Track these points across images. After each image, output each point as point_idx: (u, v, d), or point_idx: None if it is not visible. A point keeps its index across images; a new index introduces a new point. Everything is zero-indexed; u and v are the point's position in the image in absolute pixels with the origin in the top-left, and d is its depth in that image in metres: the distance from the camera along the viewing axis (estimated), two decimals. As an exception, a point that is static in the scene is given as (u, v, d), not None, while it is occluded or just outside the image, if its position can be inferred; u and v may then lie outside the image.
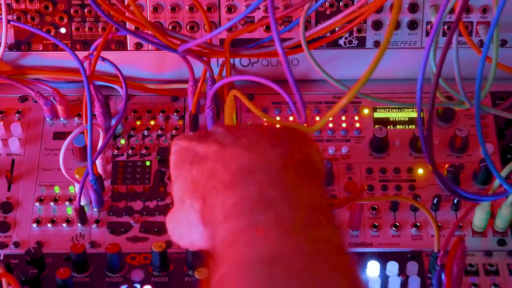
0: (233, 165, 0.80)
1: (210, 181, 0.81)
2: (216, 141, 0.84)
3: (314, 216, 0.76)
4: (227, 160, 0.81)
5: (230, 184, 0.78)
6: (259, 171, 0.78)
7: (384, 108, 1.33)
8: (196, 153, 0.85)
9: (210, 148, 0.83)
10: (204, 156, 0.84)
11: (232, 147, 0.81)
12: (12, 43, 1.33)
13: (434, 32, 0.94)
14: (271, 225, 0.73)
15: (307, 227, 0.74)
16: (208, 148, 0.84)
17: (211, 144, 0.83)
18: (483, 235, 1.20)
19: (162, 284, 1.14)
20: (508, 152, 1.28)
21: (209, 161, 0.82)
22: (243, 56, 1.33)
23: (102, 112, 1.27)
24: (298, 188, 0.78)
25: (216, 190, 0.79)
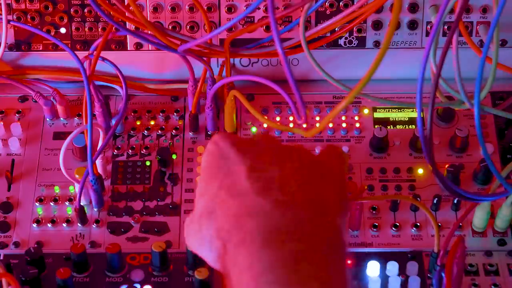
0: (265, 222, 0.78)
1: (236, 229, 0.79)
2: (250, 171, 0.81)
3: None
4: (256, 212, 0.78)
5: (262, 244, 0.76)
6: (294, 240, 0.77)
7: (384, 108, 1.33)
8: (228, 173, 0.82)
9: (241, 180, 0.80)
10: (233, 186, 0.81)
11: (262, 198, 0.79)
12: (12, 43, 1.33)
13: (434, 32, 0.94)
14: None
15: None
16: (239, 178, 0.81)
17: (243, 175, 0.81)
18: (483, 235, 1.20)
19: (162, 284, 1.14)
20: (508, 152, 1.28)
21: (237, 200, 0.80)
22: (243, 56, 1.33)
23: (102, 112, 1.27)
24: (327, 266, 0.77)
25: (242, 243, 0.77)
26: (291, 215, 0.78)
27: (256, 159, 0.83)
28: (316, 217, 0.80)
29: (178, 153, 1.28)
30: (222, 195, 0.82)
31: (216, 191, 0.83)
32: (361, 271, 1.15)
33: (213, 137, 0.88)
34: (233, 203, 0.80)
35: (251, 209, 0.79)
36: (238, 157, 0.83)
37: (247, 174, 0.81)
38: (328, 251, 0.78)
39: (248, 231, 0.78)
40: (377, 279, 1.14)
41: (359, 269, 1.15)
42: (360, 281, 1.14)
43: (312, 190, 0.82)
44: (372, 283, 1.14)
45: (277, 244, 0.76)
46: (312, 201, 0.81)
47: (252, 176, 0.81)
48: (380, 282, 1.14)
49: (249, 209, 0.79)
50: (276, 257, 0.76)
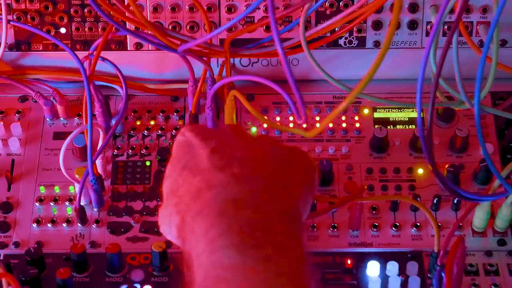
0: (221, 192, 0.80)
1: (194, 201, 0.81)
2: (212, 152, 0.83)
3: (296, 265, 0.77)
4: (215, 185, 0.81)
5: (218, 212, 0.78)
6: (251, 208, 0.79)
7: (384, 108, 1.33)
8: (192, 157, 0.85)
9: (203, 161, 0.83)
10: (195, 167, 0.84)
11: (222, 173, 0.81)
12: (12, 43, 1.33)
13: (434, 32, 0.94)
14: (259, 268, 0.74)
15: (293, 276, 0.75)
16: (202, 159, 0.84)
17: (206, 156, 0.83)
18: (483, 235, 1.20)
19: (162, 284, 1.14)
20: (508, 152, 1.28)
21: (197, 177, 0.82)
22: (243, 56, 1.33)
23: (102, 112, 1.27)
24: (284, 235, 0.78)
25: (199, 213, 0.80)
26: (249, 187, 0.81)
27: (220, 143, 0.85)
28: (274, 190, 0.82)
29: (178, 153, 1.28)
30: (185, 174, 0.84)
31: (180, 171, 0.85)
32: (361, 271, 1.15)
33: (181, 129, 0.91)
34: (194, 179, 0.83)
35: (210, 182, 0.81)
36: (202, 142, 0.86)
37: (209, 154, 0.84)
38: (284, 221, 0.80)
39: (205, 202, 0.80)
40: (377, 279, 1.14)
41: (359, 269, 1.15)
42: (360, 281, 1.14)
43: (273, 168, 0.84)
44: (372, 283, 1.14)
45: (233, 212, 0.78)
46: (271, 176, 0.83)
47: (214, 156, 0.84)
48: (380, 282, 1.14)
49: (208, 182, 0.81)
50: (232, 224, 0.77)
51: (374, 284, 1.14)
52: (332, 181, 1.24)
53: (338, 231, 1.20)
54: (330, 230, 1.20)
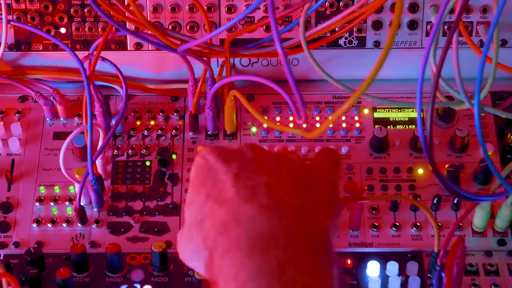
0: (250, 229, 0.78)
1: (222, 236, 0.79)
2: (236, 179, 0.81)
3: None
4: (243, 219, 0.79)
5: (247, 251, 0.77)
6: (279, 247, 0.77)
7: (384, 108, 1.33)
8: (215, 183, 0.83)
9: (228, 189, 0.81)
10: (220, 195, 0.82)
11: (249, 205, 0.79)
12: (12, 43, 1.33)
13: (434, 32, 0.94)
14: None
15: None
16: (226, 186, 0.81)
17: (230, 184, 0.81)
18: (483, 235, 1.20)
19: (162, 284, 1.14)
20: (508, 152, 1.28)
21: (224, 208, 0.80)
22: (243, 56, 1.33)
23: (102, 112, 1.27)
24: (314, 272, 0.77)
25: (228, 251, 0.78)
26: (277, 221, 0.79)
27: (242, 168, 0.83)
28: (303, 222, 0.80)
29: (178, 153, 1.28)
30: (210, 204, 0.82)
31: (204, 200, 0.83)
32: (361, 271, 1.15)
33: (200, 151, 0.89)
34: (220, 211, 0.81)
35: (237, 215, 0.79)
36: (224, 167, 0.84)
37: (233, 182, 0.82)
38: (315, 257, 0.79)
39: (233, 238, 0.78)
40: (377, 279, 1.14)
41: (359, 269, 1.15)
42: (360, 281, 1.14)
43: (300, 195, 0.82)
44: (372, 283, 1.14)
45: (262, 251, 0.77)
46: (299, 205, 0.81)
47: (238, 184, 0.82)
48: (380, 282, 1.14)
49: (235, 216, 0.79)
50: (261, 264, 0.76)
51: (374, 284, 1.14)
52: (332, 181, 1.24)
53: (338, 231, 1.20)
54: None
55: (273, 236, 0.78)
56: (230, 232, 0.79)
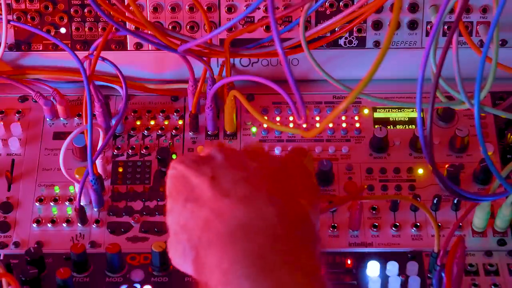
0: (230, 219, 0.80)
1: (204, 232, 0.81)
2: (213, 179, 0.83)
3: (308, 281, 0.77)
4: (223, 212, 0.81)
5: (228, 240, 0.78)
6: (258, 232, 0.79)
7: (384, 108, 1.33)
8: (192, 188, 0.85)
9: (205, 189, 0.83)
10: (199, 197, 0.84)
11: (228, 199, 0.81)
12: (12, 43, 1.33)
13: (434, 32, 0.94)
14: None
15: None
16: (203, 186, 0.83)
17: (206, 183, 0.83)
18: (483, 235, 1.20)
19: (162, 284, 1.14)
20: (508, 152, 1.28)
21: (204, 207, 0.82)
22: (243, 56, 1.33)
23: (102, 112, 1.27)
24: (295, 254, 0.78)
25: (211, 243, 0.80)
26: (255, 208, 0.80)
27: (215, 170, 0.85)
28: (281, 206, 0.81)
29: (178, 153, 1.28)
30: (190, 207, 0.84)
31: (183, 205, 0.85)
32: (361, 271, 1.15)
33: (171, 163, 0.90)
34: (201, 211, 0.83)
35: (217, 211, 0.81)
36: (197, 172, 0.85)
37: (209, 183, 0.84)
38: (296, 238, 0.80)
39: (215, 232, 0.80)
40: (377, 279, 1.14)
41: (359, 269, 1.15)
42: (360, 281, 1.14)
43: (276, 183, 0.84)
44: (372, 283, 1.14)
45: (242, 239, 0.78)
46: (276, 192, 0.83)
47: (214, 183, 0.83)
48: (380, 282, 1.14)
49: (215, 212, 0.81)
50: (242, 251, 0.77)
51: (374, 284, 1.14)
52: (332, 181, 1.24)
53: (338, 231, 1.20)
54: (330, 230, 1.20)
55: (252, 224, 0.79)
56: (212, 227, 0.80)
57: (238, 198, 0.81)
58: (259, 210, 0.80)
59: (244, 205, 0.80)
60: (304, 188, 0.87)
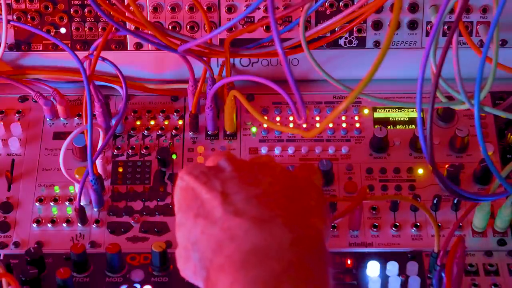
0: (244, 243, 0.78)
1: (217, 255, 0.79)
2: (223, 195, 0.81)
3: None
4: (236, 234, 0.78)
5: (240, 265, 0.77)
6: (272, 258, 0.77)
7: (384, 108, 1.33)
8: (202, 203, 0.83)
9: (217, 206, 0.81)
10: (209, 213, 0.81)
11: (241, 218, 0.79)
12: (12, 43, 1.33)
13: (434, 32, 0.94)
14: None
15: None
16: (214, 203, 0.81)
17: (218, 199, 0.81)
18: (483, 235, 1.20)
19: (162, 284, 1.14)
20: (508, 152, 1.28)
21: (216, 225, 0.80)
22: (243, 56, 1.33)
23: (102, 112, 1.27)
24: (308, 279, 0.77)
25: (222, 268, 0.78)
26: (269, 232, 0.78)
27: (225, 184, 0.83)
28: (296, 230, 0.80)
29: (178, 153, 1.28)
30: (201, 224, 0.82)
31: (193, 221, 0.83)
32: (361, 271, 1.15)
33: (179, 173, 0.88)
34: (212, 230, 0.81)
35: (230, 232, 0.79)
36: (206, 187, 0.84)
37: (220, 200, 0.82)
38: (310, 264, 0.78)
39: (227, 255, 0.78)
40: (377, 279, 1.14)
41: (359, 269, 1.15)
42: (360, 281, 1.14)
43: (290, 203, 0.82)
44: (372, 283, 1.14)
45: (255, 264, 0.76)
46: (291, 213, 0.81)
47: (226, 201, 0.81)
48: (380, 282, 1.14)
49: (227, 232, 0.79)
50: (255, 278, 0.76)
51: (374, 284, 1.14)
52: (332, 181, 1.24)
53: (338, 231, 1.20)
54: (330, 230, 1.20)
55: (266, 248, 0.77)
56: (225, 249, 0.79)
57: (251, 219, 0.79)
58: (273, 235, 0.78)
59: (258, 228, 0.78)
60: (317, 205, 0.85)
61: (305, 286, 0.76)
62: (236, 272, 0.76)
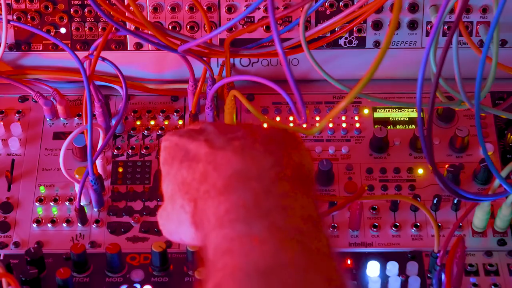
0: (227, 169, 0.80)
1: (202, 184, 0.81)
2: (207, 141, 0.84)
3: (306, 226, 0.76)
4: (220, 163, 0.81)
5: (224, 189, 0.78)
6: (253, 178, 0.78)
7: (384, 108, 1.33)
8: (187, 151, 0.85)
9: (201, 148, 0.83)
10: (195, 156, 0.83)
11: (224, 150, 0.81)
12: (12, 43, 1.33)
13: (434, 32, 0.94)
14: (266, 235, 0.74)
15: (300, 237, 0.74)
16: (199, 148, 0.84)
17: (202, 144, 0.83)
18: (483, 235, 1.20)
19: (162, 284, 1.14)
20: (508, 152, 1.28)
21: (201, 162, 0.82)
22: (243, 56, 1.33)
23: (102, 112, 1.27)
24: (291, 197, 0.78)
25: (208, 194, 0.79)
26: (250, 156, 0.80)
27: (209, 135, 0.85)
28: (275, 153, 0.81)
29: (178, 153, 1.28)
30: (186, 165, 0.84)
31: (179, 166, 0.84)
32: (361, 271, 1.15)
33: (162, 138, 0.90)
34: (198, 165, 0.82)
35: (214, 162, 0.81)
36: (192, 139, 0.85)
37: (204, 143, 0.83)
38: (291, 183, 0.79)
39: (212, 183, 0.80)
40: (377, 279, 1.14)
41: (359, 269, 1.15)
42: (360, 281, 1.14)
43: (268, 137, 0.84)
44: (372, 283, 1.14)
45: (237, 187, 0.78)
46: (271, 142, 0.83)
47: (210, 142, 0.83)
48: (380, 282, 1.14)
49: (212, 163, 0.81)
50: (237, 197, 0.77)
51: (374, 284, 1.14)
52: (332, 181, 1.24)
53: (338, 231, 1.20)
54: (330, 230, 1.20)
55: (247, 170, 0.79)
56: (209, 177, 0.80)
57: (234, 150, 0.81)
58: (254, 158, 0.80)
59: (239, 155, 0.80)
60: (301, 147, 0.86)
61: (287, 202, 0.77)
62: (220, 196, 0.78)
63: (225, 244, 0.74)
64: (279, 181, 0.79)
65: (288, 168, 0.81)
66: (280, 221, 0.75)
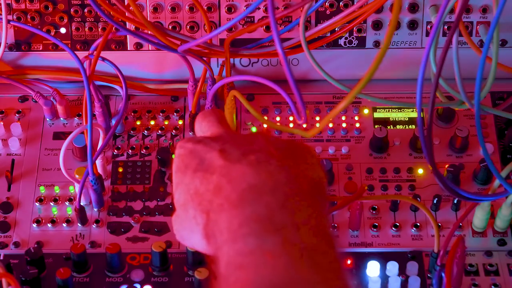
0: (241, 183, 0.79)
1: (216, 196, 0.80)
2: (222, 151, 0.83)
3: (319, 242, 0.76)
4: (234, 176, 0.80)
5: (238, 203, 0.78)
6: (267, 193, 0.78)
7: (384, 108, 1.33)
8: (201, 160, 0.84)
9: (216, 160, 0.82)
10: (210, 166, 0.83)
11: (239, 164, 0.81)
12: (12, 43, 1.33)
13: (434, 32, 0.94)
14: (278, 250, 0.74)
15: (312, 254, 0.74)
16: (214, 159, 0.83)
17: (217, 155, 0.83)
18: (483, 235, 1.20)
19: (162, 284, 1.14)
20: (508, 152, 1.28)
21: (215, 174, 0.82)
22: (243, 56, 1.33)
23: (102, 112, 1.27)
24: (304, 213, 0.78)
25: (222, 207, 0.79)
26: (264, 170, 0.80)
27: (225, 144, 0.84)
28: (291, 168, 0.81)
29: (178, 153, 1.28)
30: (200, 176, 0.83)
31: (192, 176, 0.84)
32: (361, 271, 1.15)
33: (177, 143, 0.89)
34: (212, 177, 0.82)
35: (229, 175, 0.81)
36: (206, 147, 0.85)
37: (219, 154, 0.83)
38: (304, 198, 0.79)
39: (225, 196, 0.79)
40: (377, 279, 1.14)
41: (359, 269, 1.15)
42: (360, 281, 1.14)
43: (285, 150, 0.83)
44: (372, 283, 1.14)
45: (251, 200, 0.78)
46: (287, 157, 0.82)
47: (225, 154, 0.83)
48: (380, 282, 1.14)
49: (226, 176, 0.81)
50: (251, 211, 0.77)
51: (374, 284, 1.14)
52: (332, 181, 1.24)
53: (338, 231, 1.20)
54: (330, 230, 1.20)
55: (262, 185, 0.79)
56: (223, 190, 0.80)
57: (249, 164, 0.80)
58: (269, 173, 0.80)
59: (254, 169, 0.80)
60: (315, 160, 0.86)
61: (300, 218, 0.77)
62: (233, 209, 0.78)
63: (238, 258, 0.74)
64: (293, 197, 0.79)
65: (303, 184, 0.81)
66: (293, 237, 0.75)
